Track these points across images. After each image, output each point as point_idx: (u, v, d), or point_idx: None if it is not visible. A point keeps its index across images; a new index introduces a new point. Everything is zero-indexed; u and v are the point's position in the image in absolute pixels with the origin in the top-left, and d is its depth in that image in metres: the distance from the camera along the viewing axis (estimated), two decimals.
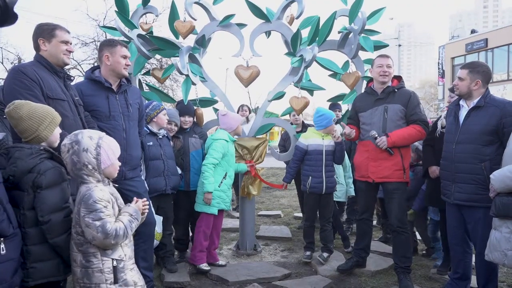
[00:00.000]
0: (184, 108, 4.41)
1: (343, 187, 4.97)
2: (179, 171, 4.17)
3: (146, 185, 3.63)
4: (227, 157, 4.12)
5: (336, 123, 4.40)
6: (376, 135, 3.67)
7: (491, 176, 2.82)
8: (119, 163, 2.38)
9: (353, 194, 5.02)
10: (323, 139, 4.33)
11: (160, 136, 3.99)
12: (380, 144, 3.63)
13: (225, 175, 4.14)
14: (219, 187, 4.08)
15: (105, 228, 2.11)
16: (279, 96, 4.74)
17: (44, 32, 2.82)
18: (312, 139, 4.34)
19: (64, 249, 2.24)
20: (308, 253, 4.45)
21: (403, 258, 3.71)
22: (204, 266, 4.09)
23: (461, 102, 3.39)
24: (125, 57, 3.24)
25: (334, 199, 4.65)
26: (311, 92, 4.83)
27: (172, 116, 4.23)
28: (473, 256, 3.50)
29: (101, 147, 2.24)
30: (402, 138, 3.64)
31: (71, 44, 2.94)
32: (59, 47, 2.82)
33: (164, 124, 3.99)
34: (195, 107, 4.56)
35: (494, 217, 2.79)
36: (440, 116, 3.83)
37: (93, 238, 2.13)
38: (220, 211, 4.22)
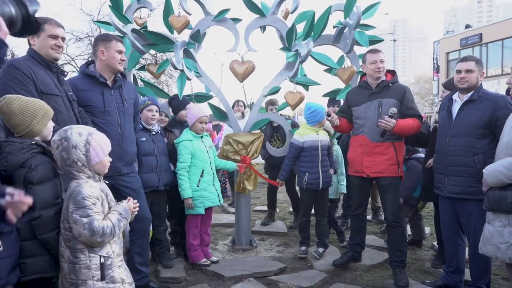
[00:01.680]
0: (183, 102, 4.41)
1: (335, 184, 4.97)
2: (172, 168, 4.16)
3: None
4: (196, 155, 4.04)
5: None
6: (395, 112, 3.56)
7: (484, 170, 2.84)
8: (110, 159, 2.35)
9: (344, 191, 5.03)
10: (317, 134, 4.33)
11: (154, 133, 3.98)
12: (388, 123, 3.51)
13: (202, 172, 4.06)
14: (197, 186, 4.02)
15: (92, 225, 2.10)
16: (274, 91, 4.73)
17: None
18: (307, 135, 4.33)
19: (53, 246, 2.21)
20: (303, 248, 4.47)
21: (398, 252, 3.73)
22: (203, 261, 4.10)
23: (454, 97, 3.41)
24: (120, 52, 3.21)
25: None
26: (306, 87, 4.83)
27: (162, 107, 4.23)
28: (467, 249, 3.53)
29: (90, 144, 2.21)
30: (407, 127, 3.60)
31: (62, 38, 2.86)
32: (47, 41, 2.76)
33: (148, 120, 3.93)
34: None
35: (487, 210, 2.81)
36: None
37: (80, 235, 2.11)
38: (209, 209, 4.18)
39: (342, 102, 5.03)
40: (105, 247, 2.21)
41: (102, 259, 2.19)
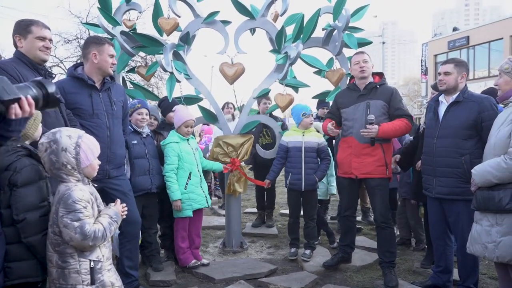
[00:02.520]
0: (172, 105, 4.40)
1: (324, 185, 4.99)
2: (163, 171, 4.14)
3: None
4: (183, 157, 4.04)
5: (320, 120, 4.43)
6: (373, 119, 3.59)
7: (472, 170, 2.87)
8: (99, 162, 2.33)
9: (334, 192, 5.05)
10: (303, 135, 4.36)
11: (144, 135, 3.97)
12: (370, 131, 3.57)
13: (189, 174, 4.06)
14: (185, 189, 4.01)
15: (83, 229, 2.07)
16: (264, 93, 4.75)
17: (20, 28, 2.77)
18: (292, 136, 4.39)
19: (39, 250, 2.17)
20: (293, 250, 4.48)
21: (388, 253, 3.75)
22: (193, 263, 4.09)
23: (440, 98, 3.45)
24: (112, 56, 3.21)
25: None
26: (296, 89, 4.84)
27: (151, 110, 4.23)
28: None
29: (80, 147, 2.17)
30: (393, 129, 3.64)
31: (50, 40, 2.86)
32: (34, 43, 2.75)
33: (138, 123, 3.93)
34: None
35: (475, 210, 2.85)
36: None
37: (71, 239, 2.08)
38: (198, 211, 4.17)
39: (331, 104, 5.07)
40: (95, 251, 2.18)
41: (92, 263, 2.16)
